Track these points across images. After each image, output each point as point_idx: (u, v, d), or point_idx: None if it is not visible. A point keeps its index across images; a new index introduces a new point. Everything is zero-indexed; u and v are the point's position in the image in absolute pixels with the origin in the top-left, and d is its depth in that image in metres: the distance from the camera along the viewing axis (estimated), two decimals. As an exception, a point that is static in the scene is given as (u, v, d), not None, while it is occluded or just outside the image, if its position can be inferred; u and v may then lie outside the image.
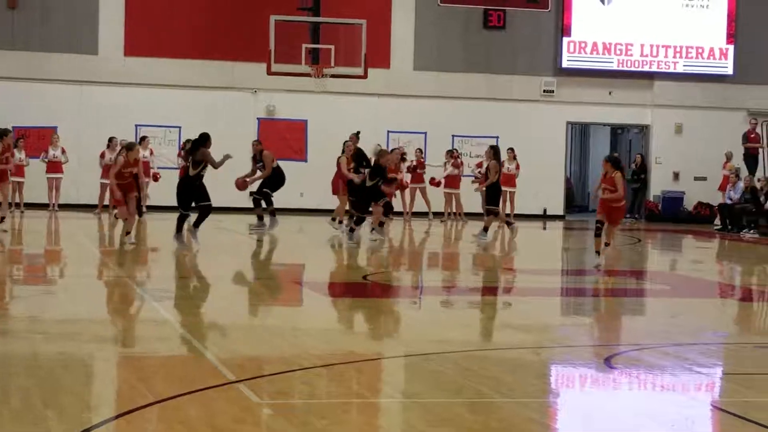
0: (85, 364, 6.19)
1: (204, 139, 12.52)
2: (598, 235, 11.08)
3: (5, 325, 7.89)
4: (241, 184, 14.63)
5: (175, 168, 17.54)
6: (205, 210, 12.24)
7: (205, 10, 20.01)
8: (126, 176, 12.56)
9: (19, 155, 17.58)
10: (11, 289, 10.39)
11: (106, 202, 17.20)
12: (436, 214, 18.61)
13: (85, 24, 19.53)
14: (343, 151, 14.29)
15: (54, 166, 17.97)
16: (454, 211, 18.28)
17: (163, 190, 17.34)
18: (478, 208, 17.32)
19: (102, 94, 19.28)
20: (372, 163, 13.79)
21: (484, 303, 10.60)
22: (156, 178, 17.56)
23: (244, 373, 5.88)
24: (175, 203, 13.30)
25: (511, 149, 17.97)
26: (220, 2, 20.10)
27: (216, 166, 12.56)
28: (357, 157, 15.32)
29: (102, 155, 17.48)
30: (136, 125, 18.86)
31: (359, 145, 15.73)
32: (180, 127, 18.99)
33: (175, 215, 13.69)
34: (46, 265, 13.18)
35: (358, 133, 15.69)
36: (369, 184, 13.42)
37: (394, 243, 16.73)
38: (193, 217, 12.91)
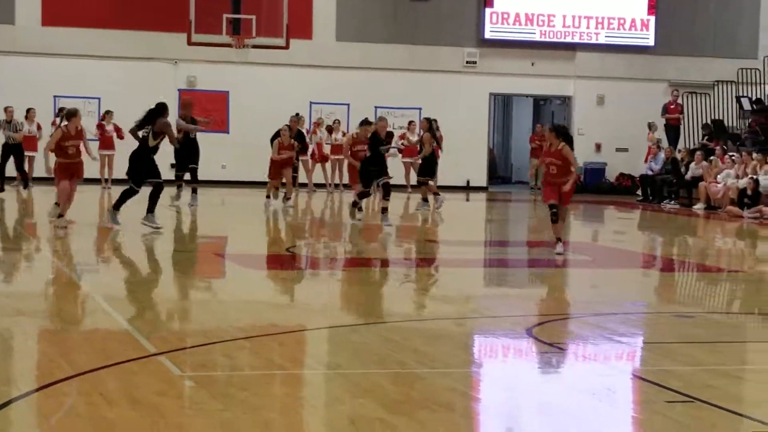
0: (3, 338, 6.16)
1: (162, 109, 11.89)
2: (555, 221, 10.32)
3: None
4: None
5: (95, 140, 17.12)
6: (159, 188, 11.70)
7: None
8: (69, 152, 11.65)
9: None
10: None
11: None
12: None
13: None
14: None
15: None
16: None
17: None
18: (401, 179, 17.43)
19: (19, 65, 19.16)
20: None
21: (406, 274, 10.72)
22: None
23: (166, 345, 5.90)
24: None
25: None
26: None
27: (176, 142, 12.49)
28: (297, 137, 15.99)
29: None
30: (55, 96, 18.67)
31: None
32: (99, 99, 18.95)
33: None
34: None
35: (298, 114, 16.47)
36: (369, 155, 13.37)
37: (324, 215, 17.12)
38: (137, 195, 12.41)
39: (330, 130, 18.98)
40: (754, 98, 20.53)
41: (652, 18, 21.51)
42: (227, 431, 3.99)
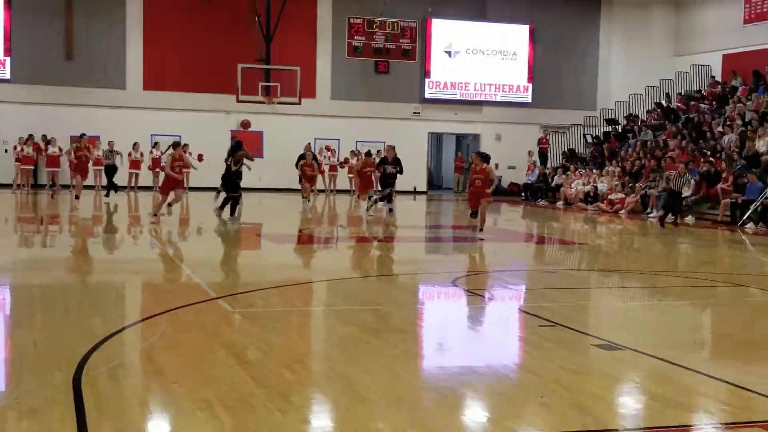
0: (117, 288, 7.91)
1: (239, 145, 14.49)
2: (474, 216, 12.13)
3: (86, 263, 9.85)
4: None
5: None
6: (238, 199, 13.77)
7: (196, 60, 24.66)
8: (175, 170, 13.88)
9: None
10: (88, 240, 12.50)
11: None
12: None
13: (115, 66, 24.33)
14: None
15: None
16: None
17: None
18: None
19: (128, 115, 24.04)
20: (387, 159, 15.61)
21: (375, 247, 12.76)
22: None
23: (223, 292, 7.30)
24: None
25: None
26: (208, 56, 24.61)
27: (251, 158, 14.63)
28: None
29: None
30: (152, 134, 23.87)
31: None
32: (180, 136, 22.29)
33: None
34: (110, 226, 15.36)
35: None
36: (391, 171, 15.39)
37: (318, 210, 19.16)
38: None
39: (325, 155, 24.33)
40: (594, 135, 26.36)
41: (530, 84, 27.73)
42: (263, 346, 5.35)
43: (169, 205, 13.71)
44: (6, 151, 23.48)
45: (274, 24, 24.50)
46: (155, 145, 23.81)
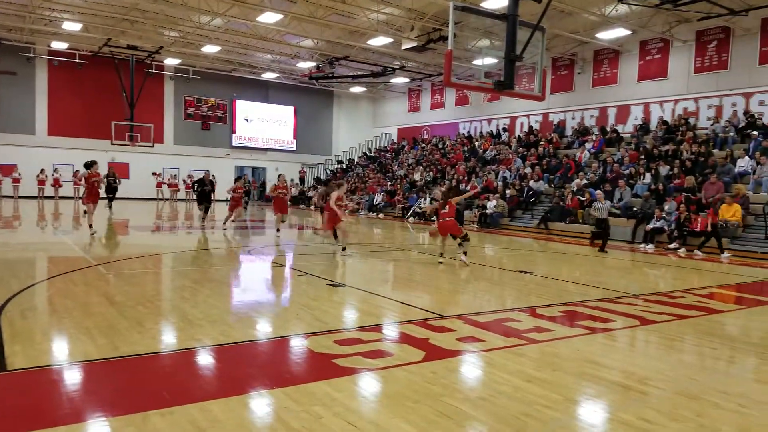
0: (29, 261, 16.95)
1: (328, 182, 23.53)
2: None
3: (7, 247, 14.76)
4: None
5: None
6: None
7: (84, 116, 36.40)
8: (280, 195, 18.13)
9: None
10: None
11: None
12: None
13: (27, 118, 38.22)
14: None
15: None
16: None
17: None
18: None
19: (37, 153, 35.95)
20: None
21: (205, 233, 19.56)
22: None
23: (101, 261, 15.06)
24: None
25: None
26: (92, 114, 36.40)
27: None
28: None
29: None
30: (53, 164, 36.05)
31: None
32: (73, 164, 38.83)
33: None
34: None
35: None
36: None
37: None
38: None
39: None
40: (331, 169, 42.96)
41: (295, 140, 43.58)
42: (126, 293, 8.97)
43: (85, 212, 16.30)
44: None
45: (136, 96, 38.31)
46: (55, 170, 36.36)
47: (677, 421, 4.42)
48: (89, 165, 16.23)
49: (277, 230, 17.83)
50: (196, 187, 22.03)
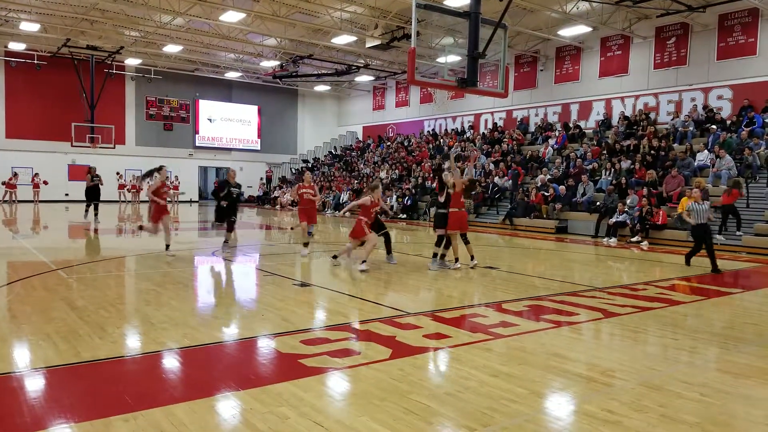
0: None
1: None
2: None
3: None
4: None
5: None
6: (387, 235, 12.54)
7: (43, 118, 36.00)
8: (305, 197, 13.56)
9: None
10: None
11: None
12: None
13: None
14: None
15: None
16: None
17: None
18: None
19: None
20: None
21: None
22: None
23: (61, 265, 16.41)
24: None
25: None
26: (51, 115, 35.97)
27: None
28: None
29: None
30: (12, 167, 35.51)
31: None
32: (32, 168, 38.20)
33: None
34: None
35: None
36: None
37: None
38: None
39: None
40: (295, 168, 43.14)
41: (259, 139, 43.48)
42: (88, 297, 9.93)
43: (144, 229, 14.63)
44: None
45: (97, 97, 37.80)
46: (15, 175, 35.36)
47: (641, 412, 4.50)
48: (154, 171, 12.65)
49: (305, 244, 13.60)
50: (219, 193, 14.15)
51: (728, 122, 23.12)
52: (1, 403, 4.41)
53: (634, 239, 18.52)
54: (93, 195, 22.62)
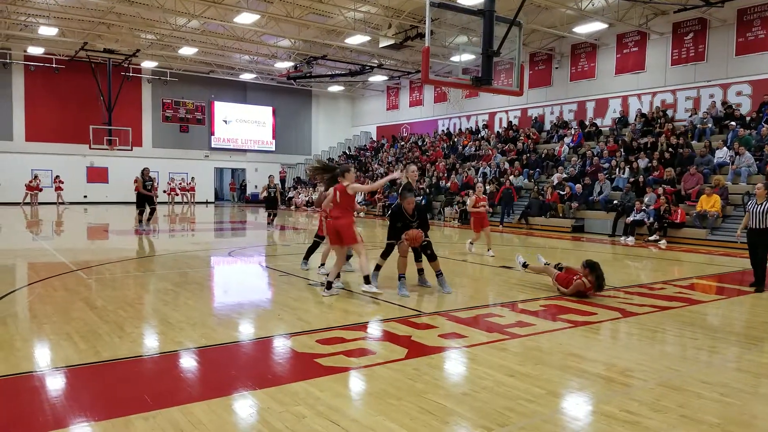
0: (9, 268, 13.29)
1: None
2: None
3: None
4: None
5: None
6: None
7: (62, 121, 36.22)
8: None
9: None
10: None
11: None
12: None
13: (4, 125, 37.47)
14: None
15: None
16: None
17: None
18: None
19: (15, 159, 35.89)
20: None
21: (183, 235, 22.11)
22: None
23: (81, 266, 13.79)
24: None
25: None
26: (70, 118, 36.21)
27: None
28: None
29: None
30: (32, 169, 35.47)
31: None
32: (52, 170, 38.81)
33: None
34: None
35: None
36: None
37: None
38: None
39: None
40: None
41: (274, 140, 43.35)
42: (107, 297, 9.03)
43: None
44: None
45: (114, 100, 37.96)
46: (35, 177, 35.87)
47: (660, 412, 4.45)
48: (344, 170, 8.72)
49: (489, 250, 13.76)
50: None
51: (747, 118, 22.85)
52: (23, 401, 4.44)
53: (651, 238, 18.36)
54: (146, 199, 20.33)
